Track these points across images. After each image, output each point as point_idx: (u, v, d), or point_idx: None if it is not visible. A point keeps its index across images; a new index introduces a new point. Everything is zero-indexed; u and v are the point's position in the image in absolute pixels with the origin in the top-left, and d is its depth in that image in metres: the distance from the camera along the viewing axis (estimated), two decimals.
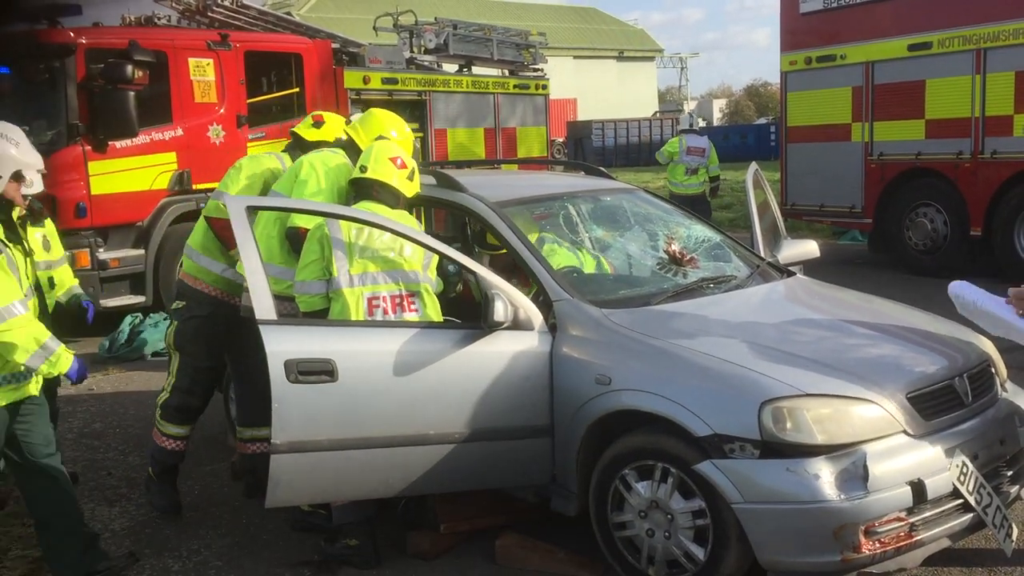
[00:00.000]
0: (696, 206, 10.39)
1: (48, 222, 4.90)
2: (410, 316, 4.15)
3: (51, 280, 4.80)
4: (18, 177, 3.98)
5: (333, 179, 4.56)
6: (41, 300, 4.42)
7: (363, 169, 4.36)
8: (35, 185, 4.09)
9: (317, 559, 4.27)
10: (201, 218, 5.04)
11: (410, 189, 4.44)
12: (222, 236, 4.75)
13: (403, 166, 4.39)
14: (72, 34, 8.65)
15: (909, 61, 10.60)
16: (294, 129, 5.18)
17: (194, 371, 4.90)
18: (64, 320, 4.87)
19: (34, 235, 4.55)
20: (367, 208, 4.26)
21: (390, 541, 4.39)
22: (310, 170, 4.56)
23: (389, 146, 4.50)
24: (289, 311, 4.29)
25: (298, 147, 5.02)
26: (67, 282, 4.97)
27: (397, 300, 4.15)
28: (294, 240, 4.42)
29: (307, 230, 4.33)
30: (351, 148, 4.77)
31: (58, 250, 4.97)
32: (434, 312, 4.24)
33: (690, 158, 11.98)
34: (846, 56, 11.32)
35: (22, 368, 3.77)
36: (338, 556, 4.23)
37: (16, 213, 4.08)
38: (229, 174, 4.97)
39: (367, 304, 4.11)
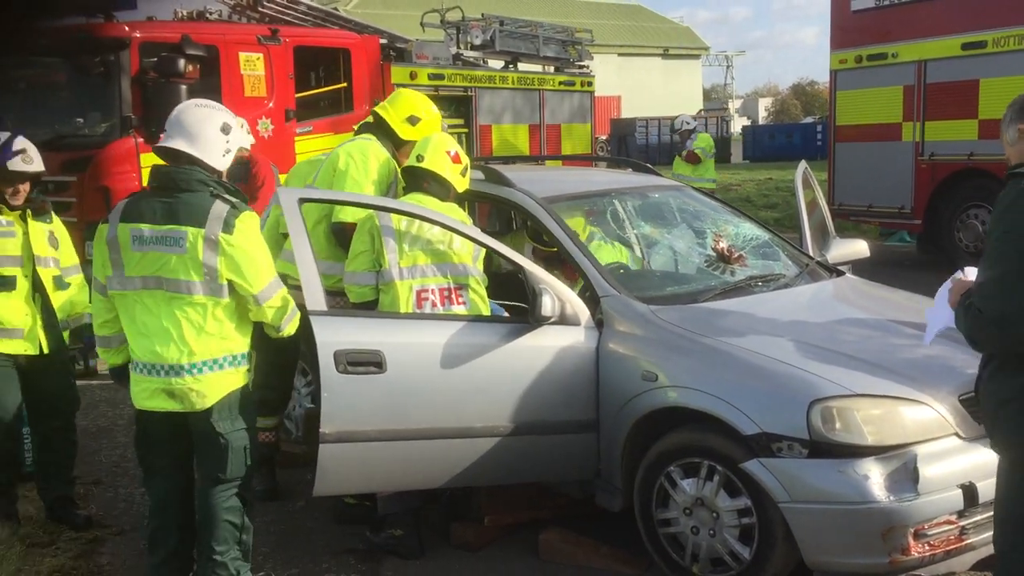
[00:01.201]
0: None
1: (56, 220, 4.79)
2: (458, 309, 4.18)
3: (58, 279, 4.68)
4: None
5: (373, 167, 4.57)
6: (44, 296, 4.53)
7: (419, 158, 4.37)
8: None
9: (362, 548, 4.32)
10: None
11: (462, 184, 4.47)
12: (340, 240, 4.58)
13: (458, 160, 4.41)
14: (127, 28, 8.78)
15: (963, 60, 10.43)
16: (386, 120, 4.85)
17: (267, 366, 4.89)
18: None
19: (38, 228, 4.58)
20: (417, 200, 4.29)
21: (434, 532, 4.43)
22: (348, 160, 4.58)
23: (447, 139, 4.53)
24: (337, 306, 4.32)
25: (387, 137, 4.78)
26: (78, 307, 4.76)
27: (446, 293, 4.18)
28: (340, 235, 4.46)
29: (353, 225, 4.37)
30: (380, 129, 4.78)
31: (70, 255, 4.80)
32: (482, 305, 4.26)
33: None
34: (898, 55, 11.17)
35: None
36: (383, 546, 4.28)
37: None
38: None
39: (416, 296, 4.14)
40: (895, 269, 11.09)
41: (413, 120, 4.78)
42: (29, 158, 4.47)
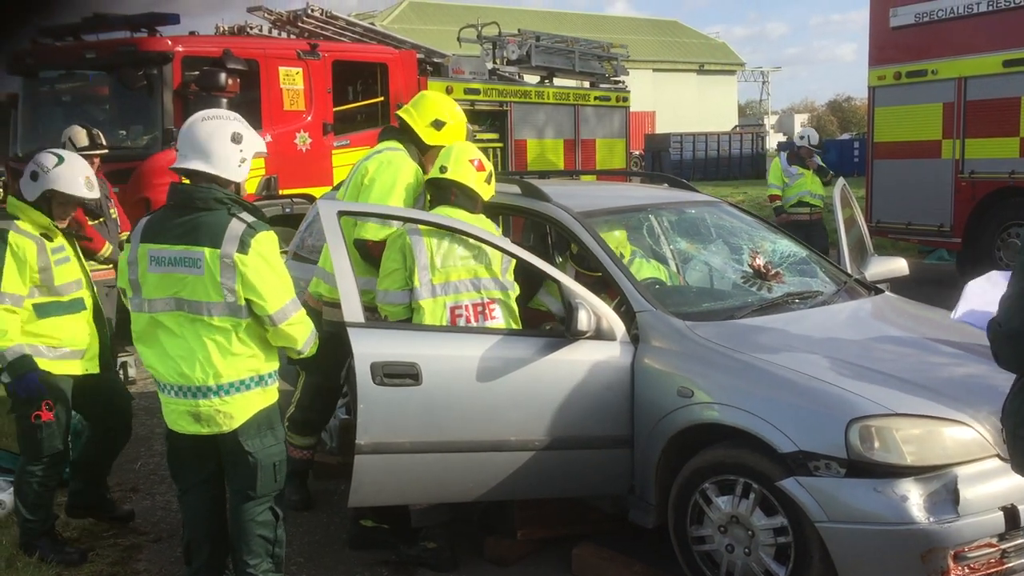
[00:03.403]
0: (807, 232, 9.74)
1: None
2: (492, 323, 4.18)
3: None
4: None
5: (400, 181, 4.48)
6: (100, 313, 4.57)
7: (443, 169, 4.34)
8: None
9: (395, 559, 4.33)
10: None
11: (487, 192, 4.43)
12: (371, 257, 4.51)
13: (481, 168, 4.38)
14: (170, 42, 8.94)
15: (1004, 77, 10.30)
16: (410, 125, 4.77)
17: (313, 389, 4.94)
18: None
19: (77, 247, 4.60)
20: (446, 214, 4.28)
21: (468, 545, 4.43)
22: (374, 174, 4.51)
23: (469, 147, 4.48)
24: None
25: (412, 143, 4.71)
26: None
27: (479, 308, 4.17)
28: (362, 251, 4.42)
29: (374, 242, 4.34)
30: (405, 134, 4.70)
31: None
32: (513, 318, 4.26)
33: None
34: (937, 71, 11.06)
35: None
36: (417, 558, 4.29)
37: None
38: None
39: (450, 313, 4.13)
40: (935, 287, 10.94)
41: (438, 124, 4.70)
42: (91, 183, 4.44)
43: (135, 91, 8.74)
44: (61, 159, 4.36)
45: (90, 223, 6.79)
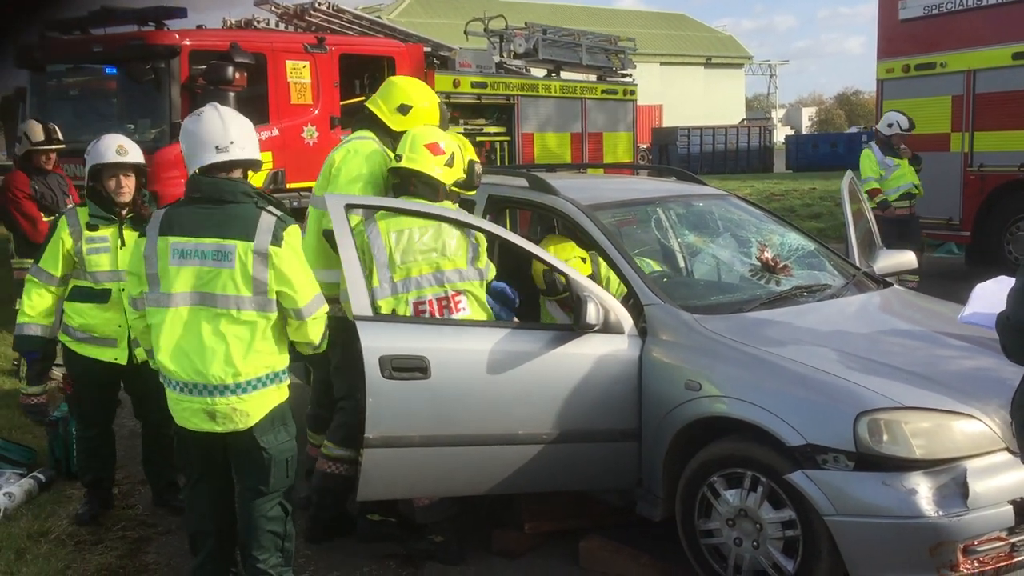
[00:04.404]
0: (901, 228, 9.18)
1: None
2: (459, 316, 4.09)
3: None
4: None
5: (365, 167, 4.39)
6: None
7: (398, 158, 4.26)
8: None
9: (403, 553, 4.34)
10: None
11: (449, 176, 4.29)
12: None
13: (439, 151, 4.24)
14: (177, 36, 8.94)
15: (1014, 70, 10.26)
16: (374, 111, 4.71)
17: (323, 385, 4.86)
18: None
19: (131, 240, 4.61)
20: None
21: (475, 538, 4.43)
22: (340, 164, 4.42)
23: (426, 132, 4.34)
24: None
25: (383, 131, 4.63)
26: None
27: (444, 302, 4.09)
28: (331, 241, 4.25)
29: None
30: (374, 123, 4.60)
31: None
32: (481, 310, 4.18)
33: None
34: (946, 64, 11.01)
35: None
36: (424, 552, 4.29)
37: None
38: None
39: (413, 309, 4.06)
40: (943, 281, 10.91)
41: (404, 109, 4.57)
42: (124, 149, 4.53)
43: (143, 85, 8.74)
44: None
45: (44, 219, 6.84)
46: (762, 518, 3.66)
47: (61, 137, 7.31)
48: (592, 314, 3.95)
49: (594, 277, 4.64)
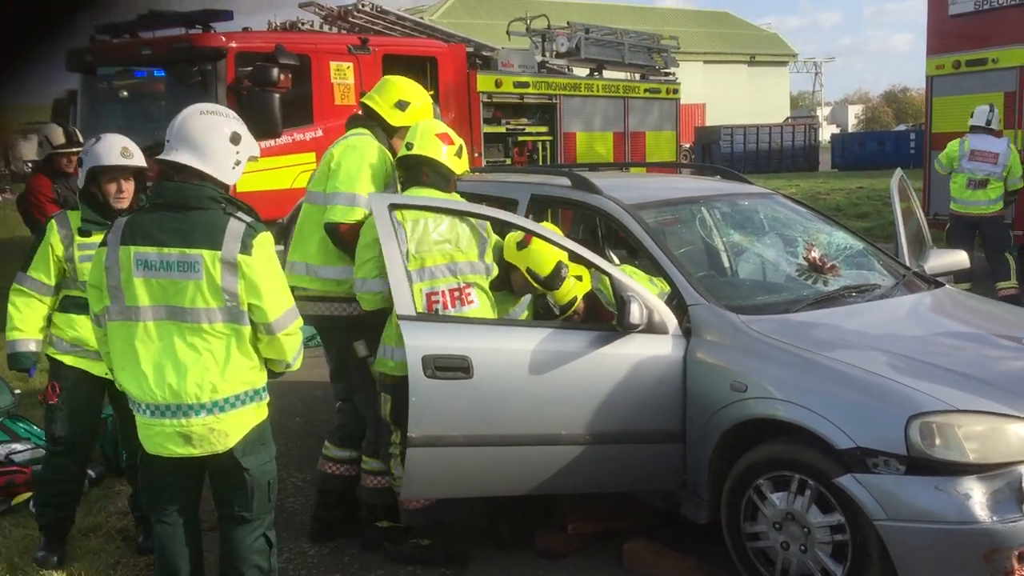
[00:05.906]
0: (984, 229, 9.04)
1: None
2: (468, 309, 4.07)
3: None
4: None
5: (365, 164, 4.33)
6: None
7: (409, 146, 4.25)
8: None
9: (392, 557, 4.28)
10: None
11: (459, 167, 4.29)
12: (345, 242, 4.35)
13: (450, 141, 4.26)
14: (223, 38, 9.05)
15: None
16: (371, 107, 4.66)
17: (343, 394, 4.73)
18: None
19: None
20: (421, 195, 4.17)
21: (518, 538, 4.42)
22: (339, 160, 4.36)
23: (435, 123, 4.38)
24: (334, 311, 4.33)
25: (380, 127, 4.57)
26: None
27: (456, 293, 4.07)
28: (334, 236, 4.28)
29: (348, 226, 4.21)
30: (372, 119, 4.56)
31: None
32: (489, 303, 4.17)
33: (973, 165, 9.12)
34: (998, 60, 10.78)
35: None
36: (408, 556, 4.26)
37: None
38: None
39: (426, 300, 4.02)
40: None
41: (402, 105, 4.54)
42: (128, 152, 4.27)
43: (190, 87, 8.86)
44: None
45: None
46: (810, 522, 3.61)
47: (82, 140, 7.39)
48: (636, 314, 3.91)
49: (591, 294, 4.55)
